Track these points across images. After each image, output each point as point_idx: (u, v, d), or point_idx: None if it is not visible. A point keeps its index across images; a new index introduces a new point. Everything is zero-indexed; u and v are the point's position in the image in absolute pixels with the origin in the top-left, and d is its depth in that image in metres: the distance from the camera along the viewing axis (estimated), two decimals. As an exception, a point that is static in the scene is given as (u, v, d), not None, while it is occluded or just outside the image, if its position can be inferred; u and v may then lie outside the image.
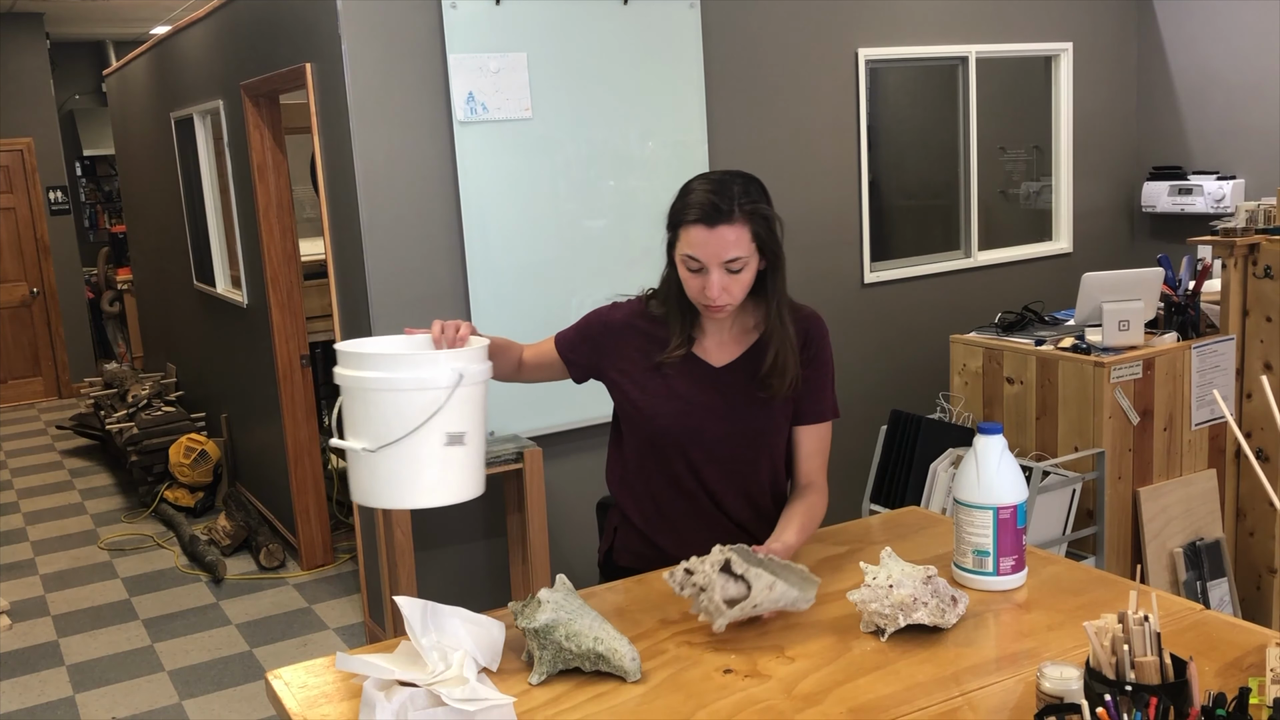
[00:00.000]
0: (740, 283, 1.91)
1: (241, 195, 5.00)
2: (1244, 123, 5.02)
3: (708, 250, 1.86)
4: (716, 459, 2.04)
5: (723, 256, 1.86)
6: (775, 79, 4.31)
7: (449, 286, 3.69)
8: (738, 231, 1.86)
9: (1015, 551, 1.81)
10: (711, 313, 1.95)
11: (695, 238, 1.87)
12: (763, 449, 2.05)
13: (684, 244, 1.90)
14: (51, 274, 9.16)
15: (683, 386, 2.02)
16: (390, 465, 1.70)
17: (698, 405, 2.01)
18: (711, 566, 1.66)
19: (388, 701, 1.45)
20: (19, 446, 7.77)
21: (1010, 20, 4.92)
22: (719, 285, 1.88)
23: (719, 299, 1.89)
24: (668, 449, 2.04)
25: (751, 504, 2.10)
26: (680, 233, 1.91)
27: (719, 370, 2.02)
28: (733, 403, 2.01)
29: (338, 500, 5.45)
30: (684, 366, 2.02)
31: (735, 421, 2.01)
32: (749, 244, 1.88)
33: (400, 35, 3.53)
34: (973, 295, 4.94)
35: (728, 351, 2.03)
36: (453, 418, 1.70)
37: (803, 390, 2.04)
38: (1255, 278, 3.54)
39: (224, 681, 3.96)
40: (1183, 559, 3.43)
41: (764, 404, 2.01)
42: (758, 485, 2.09)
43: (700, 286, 1.90)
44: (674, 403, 2.02)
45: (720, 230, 1.85)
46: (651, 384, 2.03)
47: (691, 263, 1.89)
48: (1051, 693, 1.35)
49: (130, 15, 9.17)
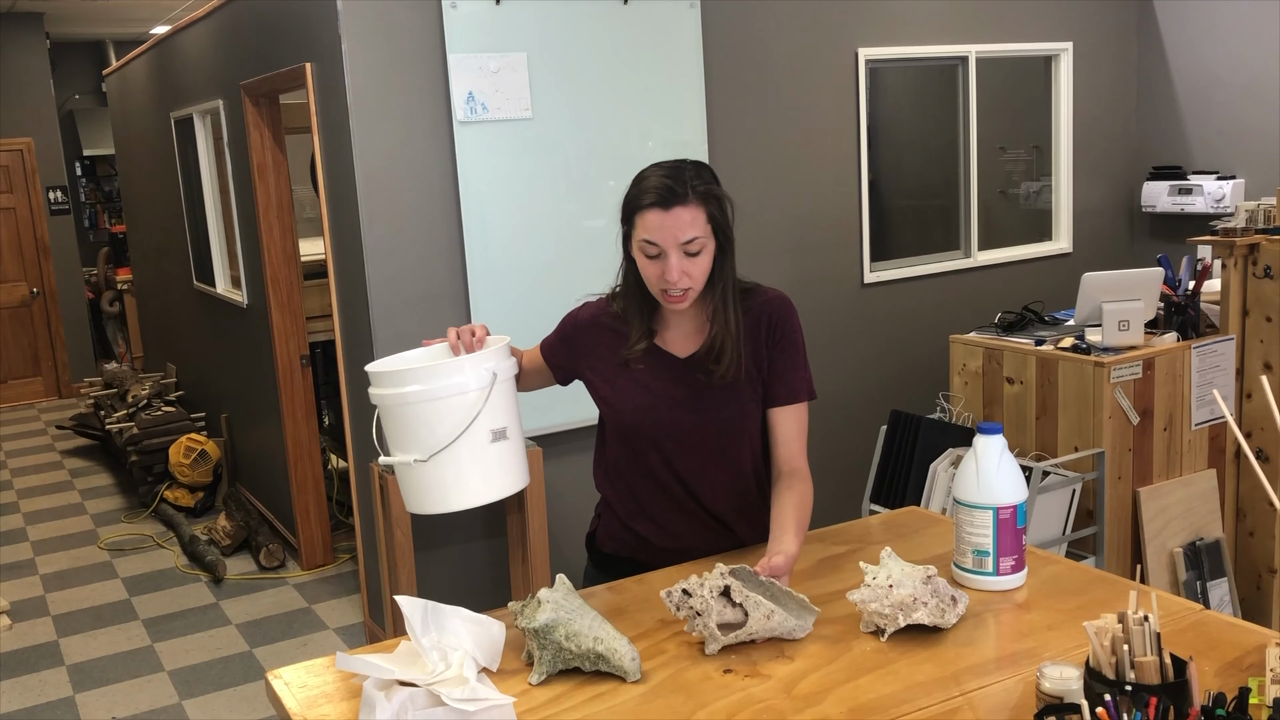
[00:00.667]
0: (699, 266, 1.91)
1: (241, 195, 5.01)
2: (1244, 123, 5.02)
3: (664, 233, 1.88)
4: (688, 449, 2.04)
5: (680, 238, 1.88)
6: (775, 79, 4.31)
7: (449, 286, 3.69)
8: (693, 213, 1.89)
9: (1015, 551, 1.81)
10: (671, 302, 1.94)
11: (651, 221, 1.89)
12: (734, 437, 2.05)
13: (641, 230, 1.91)
14: (51, 274, 9.16)
15: (649, 379, 2.03)
16: (442, 471, 1.78)
17: (664, 397, 2.02)
18: (710, 591, 1.65)
19: (388, 701, 1.45)
20: (19, 446, 7.77)
21: (1010, 20, 4.92)
22: (678, 269, 1.89)
23: (679, 282, 1.90)
24: (640, 442, 2.06)
25: (730, 492, 2.08)
26: (637, 220, 1.92)
27: (683, 361, 2.03)
28: (698, 393, 2.01)
29: (338, 500, 5.45)
30: (650, 360, 2.03)
31: (702, 411, 2.01)
32: (704, 225, 1.90)
33: (400, 35, 3.53)
34: (973, 295, 4.94)
35: (691, 342, 2.04)
36: (493, 416, 1.79)
37: (771, 373, 2.03)
38: (1255, 278, 3.54)
39: (224, 681, 3.96)
40: (1183, 559, 3.43)
41: (731, 392, 2.01)
42: (735, 474, 2.08)
43: (659, 272, 1.91)
44: (641, 396, 2.03)
45: (676, 212, 1.88)
46: (620, 379, 2.05)
47: (649, 248, 1.91)
48: (1051, 693, 1.35)
49: (130, 15, 9.17)
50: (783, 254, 4.39)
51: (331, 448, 5.69)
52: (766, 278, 4.56)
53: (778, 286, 2.14)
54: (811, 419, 2.12)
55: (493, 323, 3.67)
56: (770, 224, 4.34)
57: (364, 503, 4.04)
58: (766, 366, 2.02)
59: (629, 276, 2.02)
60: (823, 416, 4.55)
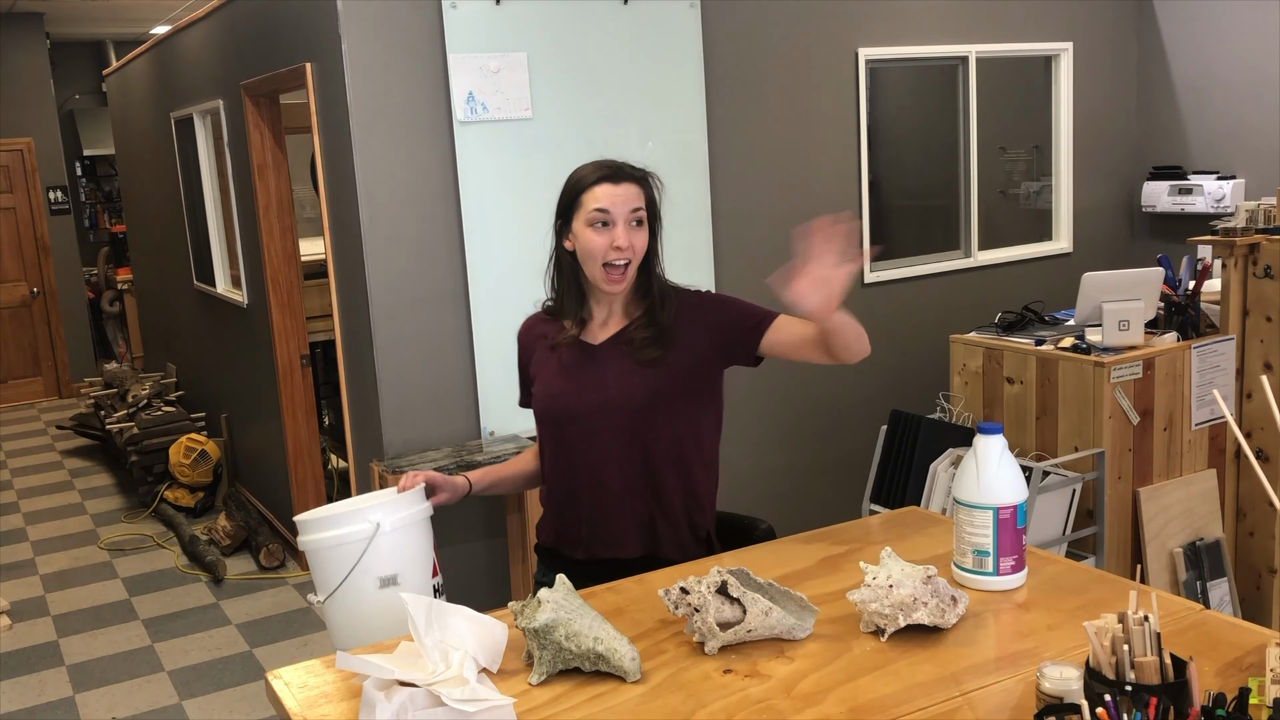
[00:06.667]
0: (640, 239, 2.08)
1: (241, 195, 5.01)
2: (1244, 123, 5.02)
3: (615, 200, 2.05)
4: (596, 432, 2.10)
5: (629, 206, 2.06)
6: (775, 79, 4.31)
7: (449, 286, 3.69)
8: (636, 189, 2.09)
9: (1015, 551, 1.81)
10: (612, 279, 2.07)
11: (602, 193, 2.06)
12: (646, 418, 2.09)
13: (590, 202, 2.06)
14: (51, 274, 9.16)
15: (565, 369, 2.15)
16: (336, 612, 1.96)
17: (574, 382, 2.13)
18: (708, 588, 1.65)
19: (388, 701, 1.45)
20: (19, 446, 7.77)
21: (1010, 20, 4.92)
22: (626, 236, 2.05)
23: (627, 249, 2.04)
24: (550, 427, 2.17)
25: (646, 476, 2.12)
26: (584, 198, 2.07)
27: (596, 348, 2.14)
28: (606, 376, 2.11)
29: (338, 500, 5.44)
30: (570, 352, 2.15)
31: (607, 391, 2.10)
32: (645, 204, 2.10)
33: (400, 35, 3.53)
34: (973, 295, 4.94)
35: (608, 330, 2.16)
36: (381, 564, 1.92)
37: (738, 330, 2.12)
38: (1255, 278, 3.54)
39: (224, 681, 3.96)
40: (1183, 559, 3.43)
41: (645, 372, 2.09)
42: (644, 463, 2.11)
43: (608, 242, 2.04)
44: (558, 383, 2.15)
45: (625, 185, 2.07)
46: (544, 373, 2.18)
47: (600, 216, 2.05)
48: (1051, 693, 1.35)
49: (130, 15, 9.17)
50: (783, 254, 4.38)
51: (331, 448, 5.69)
52: (766, 277, 4.56)
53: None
54: (812, 419, 2.14)
55: (492, 323, 3.69)
56: (770, 224, 4.34)
57: (364, 503, 4.04)
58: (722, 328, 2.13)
59: (563, 269, 2.15)
60: (823, 416, 4.55)
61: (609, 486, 2.12)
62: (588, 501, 2.14)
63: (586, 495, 2.14)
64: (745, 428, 4.35)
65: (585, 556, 2.16)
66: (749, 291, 4.27)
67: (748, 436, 4.35)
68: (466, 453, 3.63)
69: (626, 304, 2.16)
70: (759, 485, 4.43)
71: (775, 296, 1.95)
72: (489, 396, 3.73)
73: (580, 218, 2.08)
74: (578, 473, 2.14)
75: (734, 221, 4.24)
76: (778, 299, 1.94)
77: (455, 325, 3.71)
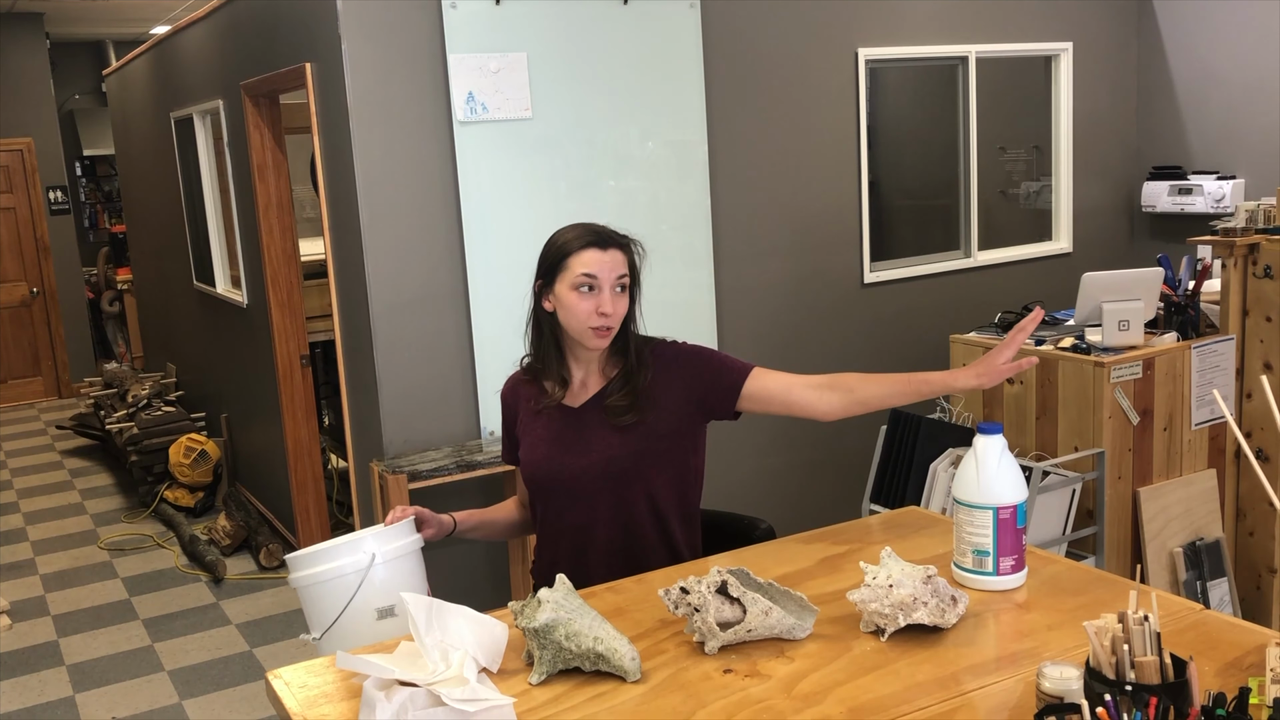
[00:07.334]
0: (623, 304, 2.11)
1: (241, 195, 5.01)
2: (1244, 123, 5.02)
3: (603, 266, 2.07)
4: (579, 498, 2.14)
5: (615, 273, 2.08)
6: (775, 79, 4.31)
7: (449, 286, 3.69)
8: (621, 256, 2.11)
9: (1015, 551, 1.81)
10: (597, 338, 2.09)
11: (589, 258, 2.07)
12: (625, 480, 2.13)
13: (578, 267, 2.07)
14: (51, 274, 9.16)
15: (550, 434, 2.17)
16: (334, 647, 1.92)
17: (557, 446, 2.15)
18: (707, 588, 1.65)
19: (388, 701, 1.45)
20: (19, 446, 7.77)
21: (1010, 20, 4.92)
22: (612, 301, 2.07)
23: (612, 315, 2.07)
24: (541, 492, 2.19)
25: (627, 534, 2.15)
26: (570, 262, 2.08)
27: (577, 410, 2.16)
28: (588, 439, 2.13)
29: (338, 500, 5.45)
30: (552, 414, 2.17)
31: (588, 454, 2.12)
32: (628, 270, 2.12)
33: (400, 35, 3.53)
34: (973, 295, 4.94)
35: (587, 392, 2.18)
36: (378, 595, 1.91)
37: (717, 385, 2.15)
38: (1255, 278, 3.54)
39: (224, 681, 3.96)
40: (1183, 559, 3.43)
41: (624, 435, 2.12)
42: (626, 523, 2.15)
43: (593, 307, 2.06)
44: (539, 449, 2.17)
45: (612, 252, 2.09)
46: (530, 438, 2.21)
47: (587, 281, 2.06)
48: (1051, 693, 1.35)
49: (130, 15, 9.17)
50: (783, 254, 4.39)
51: (331, 448, 5.69)
52: (767, 278, 4.58)
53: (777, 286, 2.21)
54: (812, 419, 2.14)
55: (492, 323, 3.68)
56: (770, 224, 4.34)
57: (364, 503, 4.04)
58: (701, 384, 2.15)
59: (544, 330, 2.17)
60: (823, 416, 4.54)
61: (594, 548, 2.16)
62: (575, 563, 2.17)
63: (574, 557, 2.17)
64: (745, 428, 4.34)
65: None
66: (749, 291, 4.29)
67: (748, 436, 4.35)
68: (466, 452, 3.63)
69: (603, 364, 2.19)
70: (759, 485, 4.44)
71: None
72: (489, 396, 3.73)
73: (565, 281, 2.08)
74: (565, 535, 2.18)
75: (734, 221, 4.24)
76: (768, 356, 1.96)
77: (455, 325, 3.71)
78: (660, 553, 2.18)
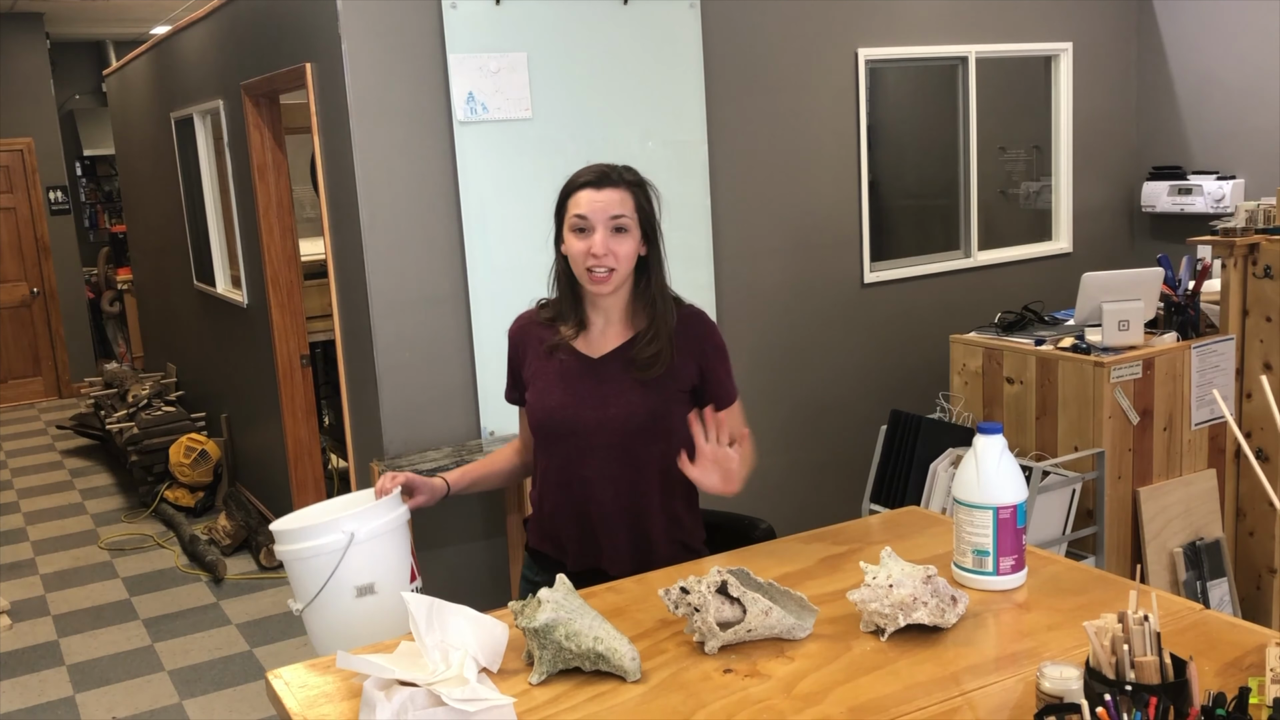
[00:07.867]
0: (624, 246, 2.04)
1: (241, 195, 5.01)
2: (1244, 123, 5.02)
3: (594, 207, 2.02)
4: (593, 450, 2.10)
5: (609, 212, 2.02)
6: (775, 79, 4.31)
7: (449, 286, 3.69)
8: (622, 196, 2.05)
9: (1015, 551, 1.81)
10: (596, 282, 2.04)
11: (583, 198, 2.04)
12: (642, 436, 2.10)
13: (573, 208, 2.05)
14: (51, 274, 9.16)
15: (563, 379, 2.12)
16: (315, 621, 1.98)
17: (573, 395, 2.10)
18: (708, 587, 1.65)
19: (388, 701, 1.45)
20: (19, 446, 7.77)
21: (1010, 20, 4.92)
22: (603, 243, 2.01)
23: (604, 257, 2.01)
24: (550, 440, 2.14)
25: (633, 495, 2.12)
26: (569, 203, 2.06)
27: (596, 361, 2.12)
28: (606, 392, 2.09)
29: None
30: (567, 362, 2.13)
31: (605, 408, 2.08)
32: (633, 211, 2.05)
33: (400, 35, 3.53)
34: (973, 295, 4.94)
35: (608, 343, 2.13)
36: (356, 573, 1.92)
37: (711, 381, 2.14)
38: (1255, 278, 3.54)
39: (224, 681, 3.96)
40: (1183, 559, 3.43)
41: (645, 391, 2.08)
42: (636, 480, 2.12)
43: (586, 248, 2.02)
44: (553, 395, 2.12)
45: (607, 191, 2.04)
46: (540, 380, 2.15)
47: (578, 222, 2.03)
48: (1051, 693, 1.35)
49: (130, 15, 9.17)
50: (783, 254, 4.39)
51: (331, 448, 5.69)
52: (767, 278, 4.57)
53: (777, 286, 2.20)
54: (812, 419, 2.15)
55: (492, 323, 3.68)
56: (770, 224, 4.34)
57: (364, 503, 4.04)
58: (704, 375, 2.14)
59: (561, 274, 2.14)
60: (823, 416, 4.55)
61: (599, 503, 2.12)
62: (577, 516, 2.14)
63: (576, 510, 2.14)
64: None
65: (574, 567, 2.16)
66: (749, 291, 4.29)
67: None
68: (466, 452, 3.63)
69: (628, 315, 2.14)
70: (759, 485, 4.40)
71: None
72: (489, 396, 3.73)
73: (566, 223, 2.07)
74: (570, 487, 2.14)
75: (734, 221, 4.24)
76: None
77: (455, 325, 3.71)
78: (660, 520, 2.14)
